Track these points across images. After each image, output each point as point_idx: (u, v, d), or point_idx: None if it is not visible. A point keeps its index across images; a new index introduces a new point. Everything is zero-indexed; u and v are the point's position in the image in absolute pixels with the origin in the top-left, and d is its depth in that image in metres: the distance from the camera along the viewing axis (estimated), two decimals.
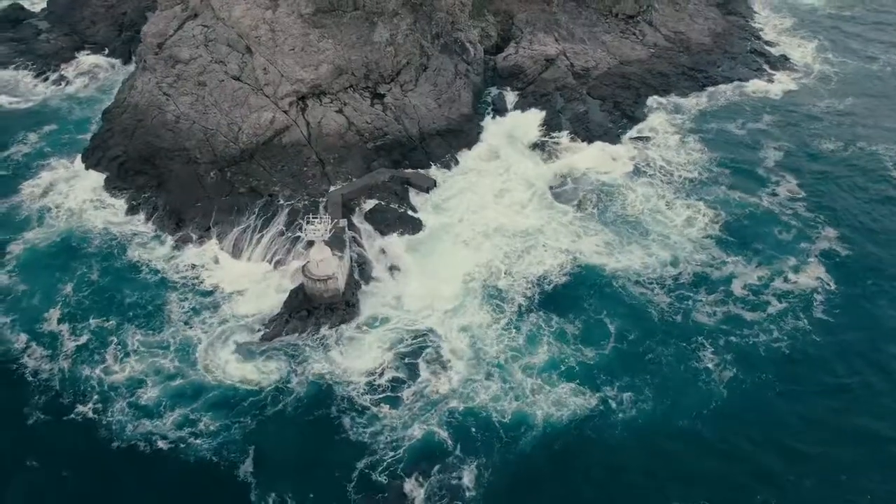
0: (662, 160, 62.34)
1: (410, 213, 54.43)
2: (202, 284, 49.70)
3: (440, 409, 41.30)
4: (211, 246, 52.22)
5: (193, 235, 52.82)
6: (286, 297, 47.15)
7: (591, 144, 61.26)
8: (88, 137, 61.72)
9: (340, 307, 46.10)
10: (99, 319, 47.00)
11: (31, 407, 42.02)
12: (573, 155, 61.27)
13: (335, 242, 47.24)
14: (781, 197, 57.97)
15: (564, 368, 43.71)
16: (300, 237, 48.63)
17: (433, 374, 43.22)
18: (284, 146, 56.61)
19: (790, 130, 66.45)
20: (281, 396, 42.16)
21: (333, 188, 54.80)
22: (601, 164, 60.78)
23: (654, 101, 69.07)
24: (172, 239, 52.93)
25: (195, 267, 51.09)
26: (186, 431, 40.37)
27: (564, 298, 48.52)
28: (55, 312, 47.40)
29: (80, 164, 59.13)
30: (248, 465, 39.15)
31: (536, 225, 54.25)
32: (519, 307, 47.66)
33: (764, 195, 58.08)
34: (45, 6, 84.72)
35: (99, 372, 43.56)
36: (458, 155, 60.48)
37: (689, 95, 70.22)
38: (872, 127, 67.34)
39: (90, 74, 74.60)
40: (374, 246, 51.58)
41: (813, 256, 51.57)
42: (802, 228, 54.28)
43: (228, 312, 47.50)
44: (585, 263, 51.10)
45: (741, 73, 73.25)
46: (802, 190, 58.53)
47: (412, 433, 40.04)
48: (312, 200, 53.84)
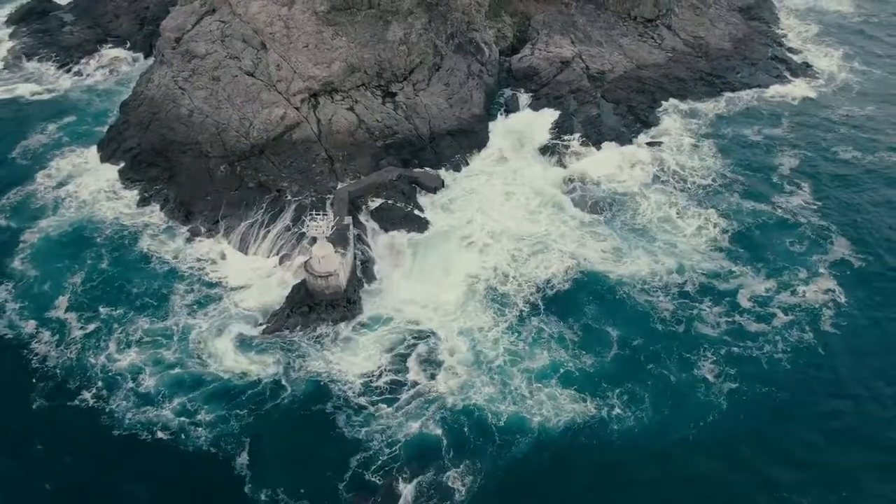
0: (677, 165, 61.53)
1: (417, 212, 54.46)
2: (208, 277, 50.34)
3: (436, 409, 41.32)
4: (218, 239, 52.86)
5: (202, 228, 53.54)
6: (288, 292, 47.47)
7: (599, 150, 60.44)
8: (105, 129, 62.79)
9: (342, 304, 46.30)
10: (106, 308, 47.90)
11: (37, 392, 43.02)
12: (584, 159, 60.58)
13: (339, 239, 47.44)
14: (795, 205, 56.89)
15: (563, 374, 43.41)
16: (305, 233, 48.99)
17: (431, 375, 43.22)
18: (294, 142, 57.01)
19: (807, 137, 65.18)
20: (278, 391, 42.56)
21: (341, 185, 55.07)
22: (615, 170, 59.94)
23: (669, 105, 68.16)
24: (182, 231, 53.71)
25: (202, 260, 51.77)
26: (185, 421, 40.98)
27: (567, 303, 48.17)
28: (64, 300, 48.40)
29: (95, 155, 60.22)
30: (243, 457, 39.59)
31: (543, 229, 53.81)
32: (521, 311, 47.40)
33: (777, 204, 57.02)
34: None
35: (103, 360, 44.44)
36: (467, 156, 60.30)
37: (705, 100, 69.18)
38: (893, 135, 65.73)
39: (111, 67, 75.90)
40: (378, 244, 51.76)
41: (824, 268, 50.50)
42: (815, 239, 53.20)
43: (232, 305, 48.04)
44: (590, 269, 50.59)
45: (761, 79, 71.91)
46: (817, 199, 57.37)
47: (407, 433, 40.12)
48: (320, 197, 54.15)
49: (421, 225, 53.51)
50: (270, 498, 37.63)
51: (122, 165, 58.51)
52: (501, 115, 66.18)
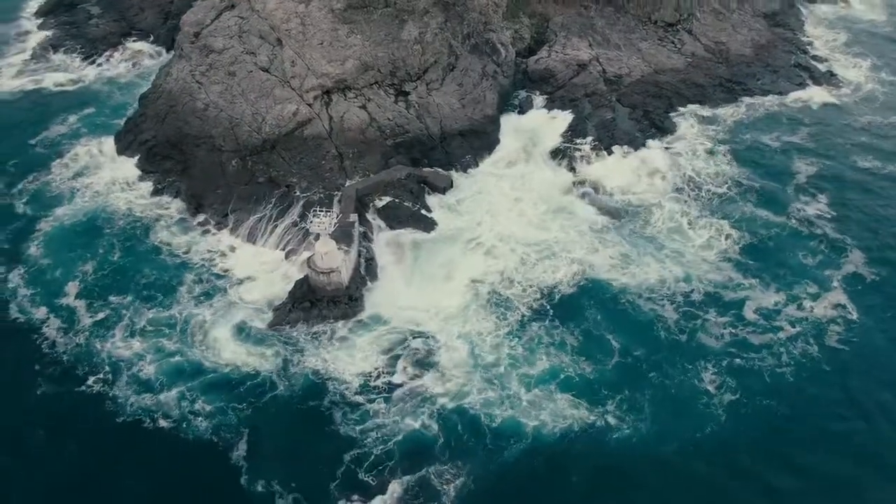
0: (692, 171, 60.66)
1: (424, 212, 54.43)
2: (216, 269, 50.90)
3: (431, 411, 41.29)
4: (227, 232, 53.44)
5: (211, 221, 54.21)
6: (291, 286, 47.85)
7: (611, 154, 59.77)
8: (123, 122, 63.81)
9: (343, 301, 46.50)
10: (116, 297, 48.71)
11: (44, 377, 43.97)
12: (598, 166, 59.62)
13: (343, 237, 47.67)
14: (811, 214, 55.73)
15: (563, 379, 43.06)
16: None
17: (428, 377, 43.09)
18: (305, 138, 57.36)
19: (827, 145, 63.83)
20: (276, 385, 42.93)
21: (350, 182, 55.31)
22: (631, 178, 58.88)
23: (687, 111, 67.19)
24: (193, 224, 54.43)
25: (212, 252, 52.36)
26: (185, 410, 41.58)
27: (571, 310, 47.68)
28: (74, 287, 49.35)
29: (112, 146, 61.29)
30: (241, 449, 40.01)
31: (552, 235, 53.22)
32: (523, 316, 47.00)
33: (792, 214, 55.91)
34: None
35: (108, 347, 45.24)
36: (477, 158, 60.09)
37: (724, 106, 68.03)
38: None
39: (134, 60, 77.08)
40: (383, 242, 51.84)
41: (836, 282, 49.33)
42: (828, 252, 52.03)
43: (236, 297, 48.56)
44: (596, 276, 50.00)
45: (782, 86, 70.54)
46: (833, 208, 56.15)
47: (401, 432, 40.19)
48: (328, 193, 54.46)
49: (428, 225, 53.49)
50: (266, 489, 38.04)
51: (137, 157, 59.47)
52: (515, 112, 65.75)
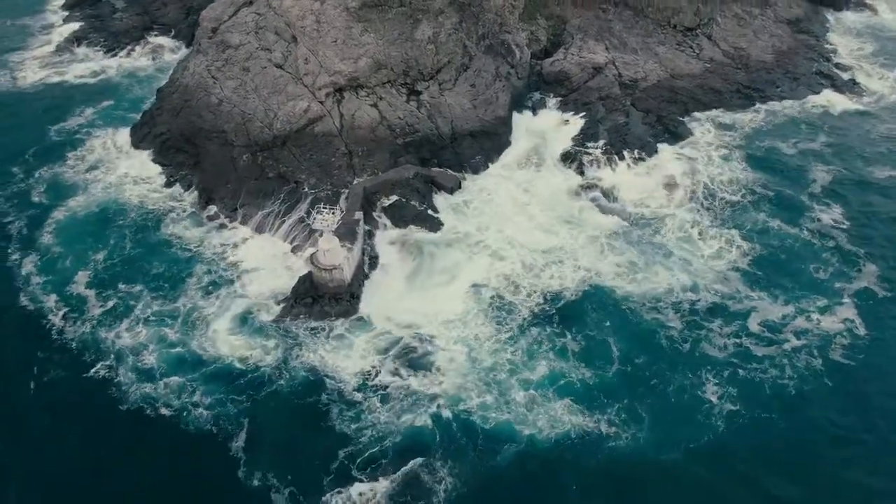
0: (707, 178, 59.87)
1: (431, 212, 54.38)
2: (222, 262, 51.40)
3: (427, 412, 41.26)
4: (235, 225, 53.98)
5: (221, 214, 54.79)
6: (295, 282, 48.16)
7: (622, 159, 59.15)
8: (140, 115, 64.80)
9: (345, 298, 46.66)
10: (124, 286, 49.48)
11: (52, 363, 44.79)
12: (614, 174, 59.03)
13: (347, 234, 47.83)
14: (824, 225, 54.71)
15: (562, 386, 42.72)
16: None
17: (425, 378, 42.98)
18: (316, 135, 57.68)
19: (844, 153, 62.74)
20: (275, 379, 43.23)
21: (358, 180, 55.49)
22: (645, 186, 58.19)
23: (701, 116, 66.40)
24: (203, 216, 55.05)
25: (219, 245, 52.87)
26: (186, 400, 42.10)
27: (574, 316, 47.27)
28: (85, 276, 50.22)
29: (127, 139, 62.27)
30: (240, 440, 40.37)
31: (559, 239, 52.84)
32: (525, 321, 46.69)
33: (805, 224, 54.90)
34: None
35: (113, 335, 45.94)
36: (487, 159, 59.91)
37: (740, 111, 67.10)
38: None
39: (154, 54, 78.38)
40: (388, 241, 51.88)
41: (846, 297, 48.31)
42: (840, 265, 50.97)
43: (242, 290, 48.98)
44: (602, 283, 49.52)
45: (801, 94, 69.36)
46: (847, 220, 55.09)
47: (395, 432, 40.21)
48: (335, 191, 54.70)
49: (434, 225, 53.44)
50: (261, 482, 38.34)
51: (151, 150, 60.35)
52: (527, 114, 65.49)
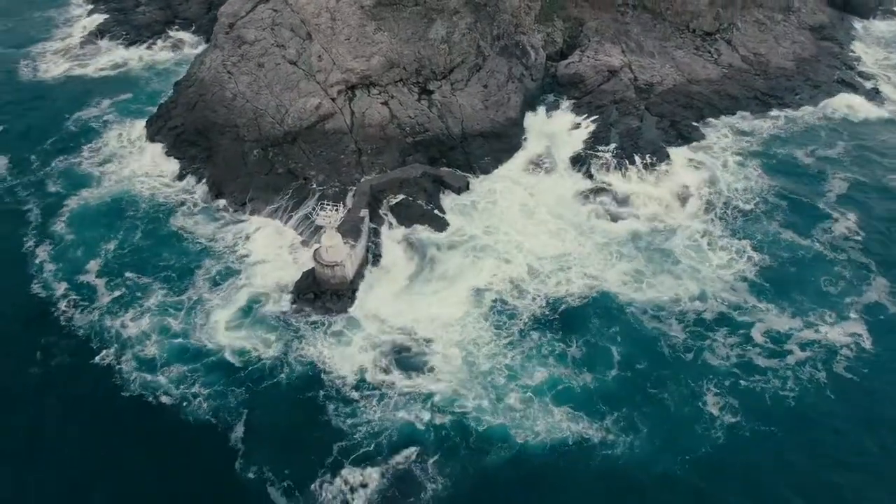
0: (721, 185, 59.11)
1: (437, 212, 54.41)
2: (233, 255, 51.93)
3: (422, 412, 41.08)
4: (245, 218, 54.59)
5: (230, 208, 55.45)
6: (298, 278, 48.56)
7: (633, 164, 58.48)
8: (156, 108, 65.75)
9: (347, 295, 46.95)
10: (133, 276, 50.28)
11: (59, 349, 45.69)
12: (616, 174, 58.55)
13: (351, 231, 48.11)
14: (836, 236, 53.62)
15: (560, 392, 42.24)
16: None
17: (422, 379, 42.94)
18: (326, 132, 58.06)
19: (861, 161, 61.46)
20: (274, 372, 43.60)
21: (366, 178, 55.76)
22: (651, 190, 57.52)
23: (717, 122, 65.55)
24: (214, 210, 55.76)
25: (230, 238, 53.43)
26: (186, 390, 42.68)
27: (576, 322, 46.69)
28: (95, 265, 51.18)
29: (142, 132, 63.25)
30: (238, 432, 40.82)
31: (566, 245, 52.31)
32: (525, 326, 46.25)
33: (817, 235, 53.80)
34: None
35: (118, 325, 46.74)
36: (497, 161, 59.74)
37: (757, 118, 66.11)
38: None
39: (175, 49, 79.50)
40: (393, 240, 52.01)
41: (855, 311, 47.23)
42: (851, 278, 49.86)
43: (247, 281, 49.49)
44: (608, 290, 48.93)
45: (821, 102, 68.05)
46: (861, 231, 53.90)
47: (389, 430, 40.27)
48: (344, 188, 55.03)
49: (440, 225, 53.43)
50: (257, 475, 38.68)
51: (165, 143, 61.22)
52: (540, 116, 65.03)
